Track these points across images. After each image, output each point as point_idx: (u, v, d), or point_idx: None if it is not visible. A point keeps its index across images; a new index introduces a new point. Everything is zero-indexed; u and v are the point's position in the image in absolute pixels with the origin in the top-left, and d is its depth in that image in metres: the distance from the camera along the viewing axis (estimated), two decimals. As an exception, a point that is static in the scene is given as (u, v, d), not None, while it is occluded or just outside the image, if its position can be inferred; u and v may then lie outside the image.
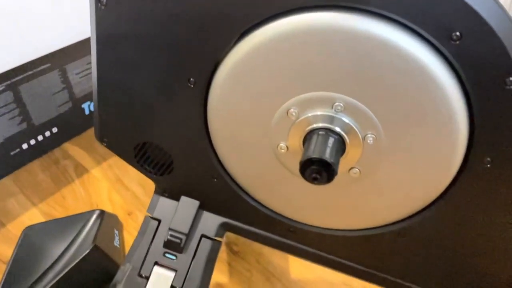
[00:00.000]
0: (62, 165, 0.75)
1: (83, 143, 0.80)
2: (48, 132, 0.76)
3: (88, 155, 0.77)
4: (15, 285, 0.54)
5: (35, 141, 0.75)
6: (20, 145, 0.73)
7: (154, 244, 0.41)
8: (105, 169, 0.74)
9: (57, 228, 0.58)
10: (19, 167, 0.74)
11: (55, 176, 0.73)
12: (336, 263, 0.41)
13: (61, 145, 0.79)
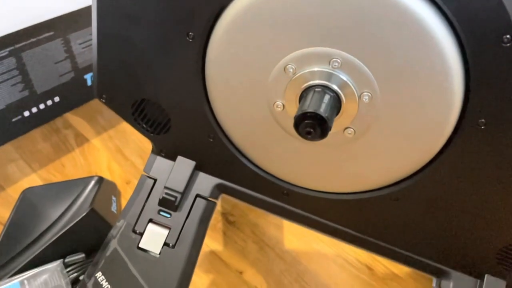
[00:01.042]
0: (63, 134, 0.76)
1: (85, 114, 0.80)
2: (50, 101, 0.77)
3: (89, 125, 0.78)
4: (13, 245, 0.54)
5: (37, 109, 0.75)
6: (22, 113, 0.74)
7: (149, 202, 0.42)
8: (106, 140, 0.75)
9: (55, 191, 0.59)
10: (20, 134, 0.75)
11: (56, 145, 0.74)
12: (329, 228, 0.42)
13: (63, 115, 0.79)
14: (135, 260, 0.40)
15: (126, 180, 0.68)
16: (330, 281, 0.54)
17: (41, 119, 0.77)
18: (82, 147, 0.73)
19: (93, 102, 0.83)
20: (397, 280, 0.54)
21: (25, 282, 0.49)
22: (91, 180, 0.60)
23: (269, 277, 0.54)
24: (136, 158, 0.71)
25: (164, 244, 0.40)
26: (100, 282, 0.39)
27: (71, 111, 0.80)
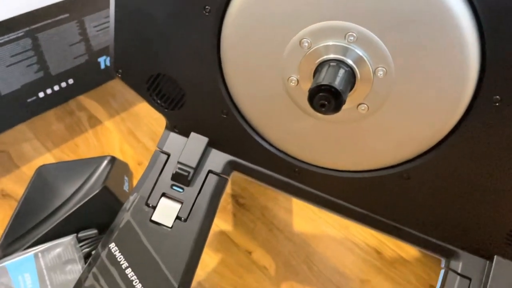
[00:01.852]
0: (76, 116, 0.77)
1: (98, 97, 0.81)
2: (64, 83, 0.78)
3: (102, 108, 0.79)
4: (27, 220, 0.56)
5: (51, 91, 0.76)
6: (37, 93, 0.75)
7: (162, 176, 0.42)
8: (118, 122, 0.76)
9: (69, 169, 0.60)
10: (35, 115, 0.76)
11: (69, 126, 0.75)
12: (339, 206, 0.42)
13: (76, 97, 0.80)
14: (148, 232, 0.41)
15: (138, 161, 0.69)
16: (338, 263, 0.54)
17: (56, 100, 0.78)
18: (95, 128, 0.74)
19: (106, 85, 0.84)
20: (405, 264, 0.54)
21: (39, 255, 0.50)
22: (104, 160, 0.61)
23: (277, 257, 0.55)
24: (148, 140, 0.72)
25: (176, 218, 0.41)
26: (113, 253, 0.40)
27: (84, 94, 0.81)
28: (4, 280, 0.48)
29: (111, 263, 0.40)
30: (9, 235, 0.54)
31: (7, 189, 0.64)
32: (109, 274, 0.40)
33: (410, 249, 0.55)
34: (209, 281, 0.52)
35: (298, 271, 0.53)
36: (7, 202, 0.62)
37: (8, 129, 0.73)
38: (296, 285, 0.52)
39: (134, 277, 0.39)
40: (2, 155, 0.69)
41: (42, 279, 0.49)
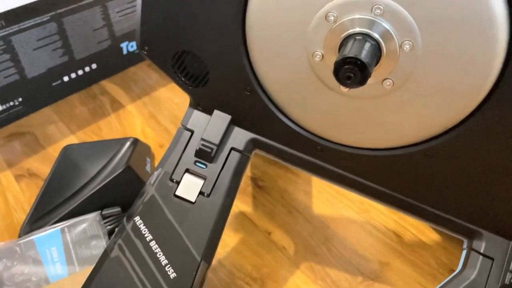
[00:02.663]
0: (99, 100, 0.78)
1: (120, 82, 0.82)
2: (87, 68, 0.79)
3: (124, 92, 0.80)
4: (53, 198, 0.57)
5: (75, 75, 0.78)
6: (62, 77, 0.77)
7: (186, 152, 0.43)
8: (140, 106, 0.77)
9: (94, 149, 0.61)
10: (59, 99, 0.78)
11: (93, 109, 0.76)
12: (360, 185, 0.42)
13: (99, 82, 0.82)
14: (171, 206, 0.42)
15: (160, 143, 0.70)
16: (358, 246, 0.54)
17: (79, 85, 0.80)
18: (117, 112, 0.76)
19: (128, 70, 0.85)
20: (426, 247, 0.54)
21: (65, 230, 0.52)
22: (127, 141, 0.62)
23: (297, 239, 0.55)
24: (169, 124, 0.73)
25: (199, 193, 0.42)
26: (138, 226, 0.41)
27: (107, 79, 0.83)
28: (32, 253, 0.50)
29: (136, 236, 0.41)
30: (37, 211, 0.56)
31: (34, 169, 0.66)
32: (133, 246, 0.41)
33: (430, 233, 0.55)
34: (229, 259, 0.53)
35: (317, 252, 0.54)
36: (34, 181, 0.64)
37: (34, 112, 0.76)
38: (315, 265, 0.52)
39: (158, 250, 0.40)
40: (28, 137, 0.71)
41: (68, 253, 0.51)
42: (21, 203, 0.60)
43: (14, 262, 0.49)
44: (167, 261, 0.40)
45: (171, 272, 0.40)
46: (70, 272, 0.49)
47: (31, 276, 0.49)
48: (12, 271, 0.48)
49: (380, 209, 0.58)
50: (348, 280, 0.51)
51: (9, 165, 0.66)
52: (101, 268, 0.40)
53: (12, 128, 0.73)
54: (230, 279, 0.51)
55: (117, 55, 0.82)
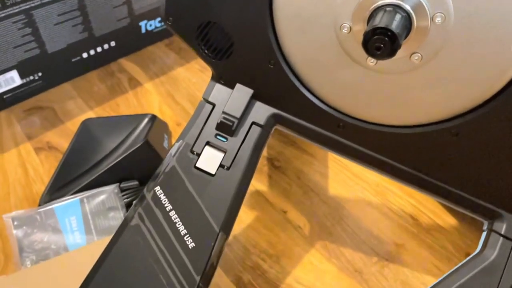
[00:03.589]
0: (117, 77, 0.79)
1: (138, 61, 0.83)
2: (106, 45, 0.80)
3: (142, 71, 0.80)
4: (72, 170, 0.58)
5: (94, 52, 0.78)
6: (81, 54, 0.77)
7: (207, 125, 0.43)
8: (158, 85, 0.77)
9: (112, 123, 0.62)
10: (78, 75, 0.79)
11: (111, 87, 0.77)
12: (382, 164, 0.42)
13: (117, 60, 0.82)
14: (192, 178, 0.42)
15: (177, 122, 0.70)
16: (373, 227, 0.54)
17: (98, 62, 0.80)
18: (135, 90, 0.76)
19: (146, 50, 0.85)
20: (442, 231, 0.53)
21: (84, 200, 0.53)
22: (146, 117, 0.62)
23: (312, 218, 0.55)
24: (186, 103, 0.73)
25: (219, 166, 0.42)
26: (158, 195, 0.42)
27: (125, 57, 0.83)
28: (52, 221, 0.51)
29: (156, 205, 0.41)
30: (56, 182, 0.57)
31: (53, 142, 0.66)
32: (153, 215, 0.41)
33: (447, 217, 0.55)
34: (244, 235, 0.54)
35: (332, 232, 0.54)
36: (53, 154, 0.64)
37: (53, 87, 0.76)
38: (329, 244, 0.52)
39: (177, 219, 0.41)
40: (48, 111, 0.72)
41: (87, 223, 0.51)
42: (40, 174, 0.61)
43: (34, 229, 0.50)
44: (186, 231, 0.40)
45: (190, 242, 0.40)
46: (88, 241, 0.50)
47: (51, 244, 0.50)
48: (31, 238, 0.49)
49: (397, 192, 0.58)
50: (363, 259, 0.51)
51: (29, 137, 0.67)
52: (121, 236, 0.41)
53: (32, 103, 0.73)
54: (245, 254, 0.52)
55: (135, 33, 0.83)
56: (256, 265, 0.50)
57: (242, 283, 0.49)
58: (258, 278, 0.49)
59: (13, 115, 0.71)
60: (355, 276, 0.49)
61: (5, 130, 0.68)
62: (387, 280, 0.49)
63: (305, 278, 0.49)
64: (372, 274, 0.49)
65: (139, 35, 0.83)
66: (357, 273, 0.50)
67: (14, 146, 0.66)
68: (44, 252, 0.49)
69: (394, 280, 0.49)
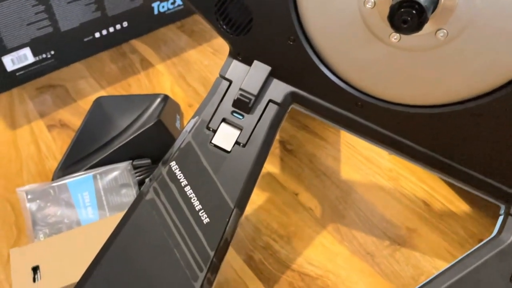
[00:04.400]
0: (129, 58, 0.78)
1: (150, 42, 0.82)
2: (119, 25, 0.79)
3: (154, 52, 0.80)
4: (85, 147, 0.58)
5: (107, 32, 0.78)
6: (93, 33, 0.77)
7: (224, 102, 0.43)
8: (169, 66, 0.77)
9: (125, 102, 0.62)
10: (90, 55, 0.78)
11: (123, 67, 0.76)
12: (401, 145, 0.41)
13: (129, 41, 0.82)
14: (207, 154, 0.42)
15: (189, 103, 0.70)
16: (386, 212, 0.54)
17: (110, 42, 0.80)
18: (147, 71, 0.76)
19: (158, 31, 0.85)
20: (455, 217, 0.53)
21: (97, 176, 0.53)
22: (158, 97, 0.62)
23: (324, 201, 0.55)
24: (198, 85, 0.73)
25: (235, 143, 0.42)
26: (173, 171, 0.42)
27: (137, 38, 0.83)
28: (65, 196, 0.51)
29: (171, 180, 0.41)
30: (69, 158, 0.57)
31: (65, 120, 0.66)
32: (168, 190, 0.41)
33: (460, 204, 0.55)
34: (255, 216, 0.54)
35: (344, 215, 0.54)
36: (65, 131, 0.64)
37: (65, 66, 0.76)
38: (341, 227, 0.52)
39: (193, 195, 0.41)
40: (60, 89, 0.72)
41: (99, 198, 0.51)
42: (52, 151, 0.61)
43: (48, 203, 0.50)
44: (201, 207, 0.40)
45: (205, 218, 0.40)
46: (101, 217, 0.50)
47: (64, 218, 0.50)
48: (45, 212, 0.50)
49: (409, 178, 0.58)
50: (375, 243, 0.51)
51: (41, 115, 0.67)
52: (136, 210, 0.41)
53: (44, 81, 0.73)
54: (256, 234, 0.52)
55: (148, 14, 0.82)
56: (267, 245, 0.50)
57: (253, 262, 0.49)
58: (269, 257, 0.49)
59: (25, 93, 0.71)
60: (367, 259, 0.49)
61: (17, 107, 0.68)
62: (398, 263, 0.49)
63: (316, 259, 0.49)
64: (384, 257, 0.49)
65: (152, 16, 0.83)
66: (369, 256, 0.49)
67: (26, 123, 0.66)
68: (57, 226, 0.49)
69: (406, 263, 0.49)
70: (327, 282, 0.47)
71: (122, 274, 0.40)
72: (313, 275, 0.48)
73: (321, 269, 0.48)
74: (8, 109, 0.68)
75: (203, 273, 0.39)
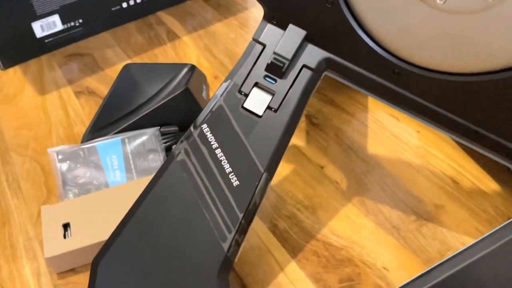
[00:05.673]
0: (156, 29, 0.78)
1: (176, 14, 0.82)
2: (146, -4, 0.79)
3: (180, 24, 0.79)
4: (113, 113, 0.58)
5: (134, 2, 0.78)
6: (121, 3, 0.77)
7: (257, 66, 0.42)
8: (195, 38, 0.77)
9: (153, 70, 0.62)
10: (117, 25, 0.79)
11: (149, 38, 0.76)
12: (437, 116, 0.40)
13: (156, 12, 0.82)
14: (239, 118, 0.42)
15: (215, 75, 0.69)
16: (412, 187, 0.53)
17: (137, 13, 0.80)
18: (173, 42, 0.76)
19: (184, 4, 0.84)
20: (483, 195, 0.52)
21: (125, 140, 0.53)
22: (185, 66, 0.62)
23: (350, 175, 0.55)
24: (224, 57, 0.73)
25: (267, 108, 0.42)
26: (204, 133, 0.42)
27: (163, 10, 0.83)
28: (94, 158, 0.51)
29: (202, 142, 0.41)
30: (97, 123, 0.57)
31: (92, 87, 0.67)
32: (199, 152, 0.41)
33: (489, 182, 0.53)
34: (280, 186, 0.54)
35: (370, 189, 0.53)
36: (93, 98, 0.65)
37: (92, 35, 0.77)
38: (367, 201, 0.52)
39: (223, 158, 0.41)
40: (87, 57, 0.72)
41: (127, 162, 0.52)
42: (80, 117, 0.62)
43: (77, 164, 0.51)
44: (231, 169, 0.40)
45: (234, 180, 0.40)
46: (129, 180, 0.51)
47: (93, 179, 0.50)
48: (74, 173, 0.50)
49: (438, 155, 0.57)
50: (401, 217, 0.50)
51: (69, 82, 0.68)
52: (167, 170, 0.41)
53: (72, 49, 0.74)
54: (281, 204, 0.52)
55: (175, -14, 0.82)
56: (292, 215, 0.50)
57: (278, 230, 0.49)
58: (294, 226, 0.49)
59: (54, 60, 0.72)
60: (392, 233, 0.49)
61: (46, 74, 0.69)
62: (425, 238, 0.48)
63: (341, 230, 0.49)
64: (410, 231, 0.49)
65: (179, -12, 0.82)
66: (395, 230, 0.49)
67: (55, 89, 0.67)
68: (86, 187, 0.50)
69: (432, 238, 0.48)
70: (352, 252, 0.47)
71: (151, 233, 0.40)
72: (338, 245, 0.48)
73: (346, 240, 0.48)
74: (38, 75, 0.69)
75: (231, 234, 0.39)
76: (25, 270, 0.46)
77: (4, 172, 0.55)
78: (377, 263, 0.46)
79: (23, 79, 0.68)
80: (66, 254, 0.43)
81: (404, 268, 0.46)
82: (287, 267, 0.46)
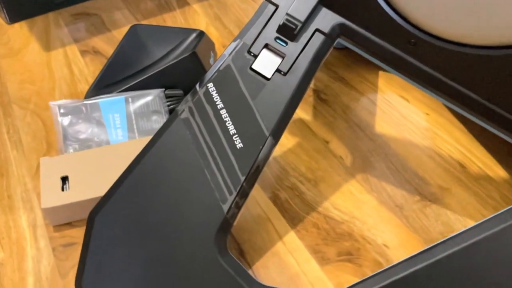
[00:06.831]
0: (166, -5, 0.77)
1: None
2: (159, -40, 0.77)
3: (192, -8, 0.78)
4: (118, 71, 0.57)
5: (146, -35, 0.76)
6: (133, -35, 0.75)
7: (268, 27, 0.41)
8: (206, 7, 0.75)
9: (161, 33, 0.60)
10: (127, -12, 0.77)
11: (158, 3, 0.75)
12: (452, 91, 0.39)
13: (167, -22, 0.80)
14: (246, 79, 0.40)
15: (223, 44, 0.68)
16: (418, 169, 0.52)
17: (148, -23, 0.78)
18: (183, 9, 0.74)
19: (197, -29, 0.82)
20: (490, 181, 0.51)
21: (129, 100, 0.52)
22: (194, 32, 0.61)
23: (355, 152, 0.54)
24: (234, 27, 0.71)
25: (276, 70, 0.40)
26: (210, 92, 0.40)
27: (175, -24, 0.81)
28: (96, 115, 0.50)
29: (207, 102, 0.40)
30: (102, 80, 0.56)
31: (98, 47, 0.66)
32: (204, 111, 0.40)
33: (498, 169, 0.52)
34: (284, 158, 0.53)
35: (375, 167, 0.52)
36: (98, 58, 0.64)
37: (102, -4, 0.75)
38: (372, 178, 0.51)
39: (228, 119, 0.40)
40: (94, 18, 0.71)
41: (130, 122, 0.51)
42: (85, 75, 0.61)
43: (79, 120, 0.50)
44: (235, 131, 0.39)
45: (238, 142, 0.39)
46: (130, 139, 0.50)
47: (94, 136, 0.50)
48: (76, 128, 0.49)
49: (446, 139, 0.56)
50: (404, 197, 0.49)
51: (75, 40, 0.67)
52: (169, 127, 0.40)
53: (80, 8, 0.72)
54: (283, 175, 0.51)
55: (189, -48, 0.79)
56: (294, 186, 0.50)
57: (279, 200, 0.48)
58: (295, 198, 0.48)
59: (61, 18, 0.70)
60: (395, 211, 0.48)
61: (53, 31, 0.68)
62: (428, 219, 0.47)
63: (343, 205, 0.48)
64: (413, 211, 0.48)
65: (193, -46, 0.80)
66: (398, 208, 0.48)
67: (60, 46, 0.65)
68: (87, 143, 0.49)
69: (436, 219, 0.47)
70: (353, 227, 0.46)
71: (150, 189, 0.39)
72: (339, 219, 0.47)
73: (347, 215, 0.47)
74: (44, 32, 0.68)
75: (232, 196, 0.38)
76: (22, 221, 0.45)
77: (5, 124, 0.54)
78: (378, 240, 0.45)
79: (29, 34, 0.67)
80: (63, 206, 0.42)
81: (405, 247, 0.45)
82: (286, 236, 0.45)
